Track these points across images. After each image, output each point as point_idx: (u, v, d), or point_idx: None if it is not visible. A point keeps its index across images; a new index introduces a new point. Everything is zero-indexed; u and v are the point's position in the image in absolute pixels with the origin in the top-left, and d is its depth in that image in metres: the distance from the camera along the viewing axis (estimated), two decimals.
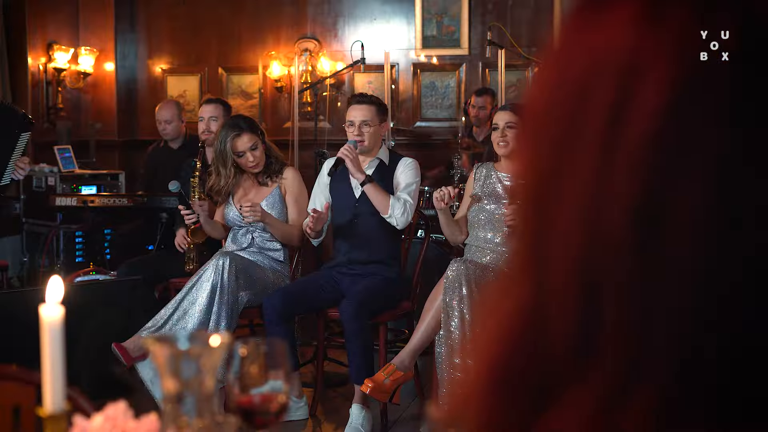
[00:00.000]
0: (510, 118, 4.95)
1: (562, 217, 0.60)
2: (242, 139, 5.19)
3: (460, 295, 4.51)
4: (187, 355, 1.21)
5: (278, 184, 5.35)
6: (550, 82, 0.65)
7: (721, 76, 0.57)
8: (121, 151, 9.21)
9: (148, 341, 1.21)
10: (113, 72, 9.20)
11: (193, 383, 1.22)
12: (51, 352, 1.36)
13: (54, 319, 1.36)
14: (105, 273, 6.26)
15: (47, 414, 1.35)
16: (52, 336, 1.36)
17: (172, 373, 1.22)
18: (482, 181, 5.08)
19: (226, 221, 5.39)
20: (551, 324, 0.60)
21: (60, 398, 1.36)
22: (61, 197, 7.25)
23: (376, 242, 5.12)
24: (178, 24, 9.29)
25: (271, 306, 4.83)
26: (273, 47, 9.01)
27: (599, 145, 0.58)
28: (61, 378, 1.37)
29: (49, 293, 1.38)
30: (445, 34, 8.75)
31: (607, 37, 0.60)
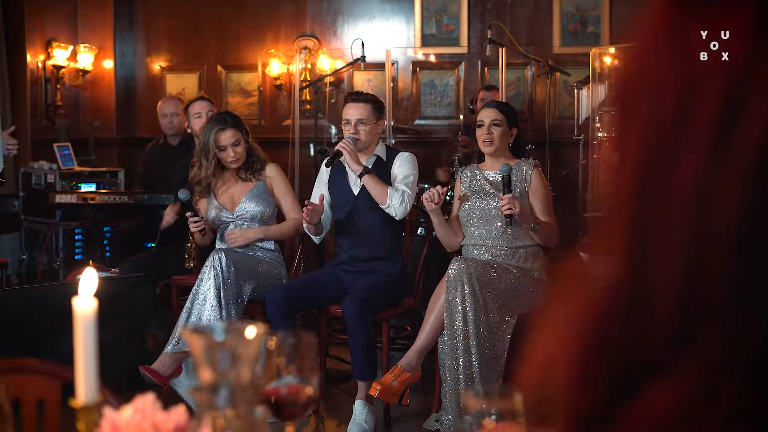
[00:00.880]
0: (496, 115, 4.99)
1: (668, 208, 0.61)
2: (226, 133, 5.26)
3: (463, 293, 4.52)
4: (223, 346, 1.22)
5: (261, 179, 5.38)
6: (653, 75, 0.66)
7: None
8: (119, 149, 9.22)
9: (186, 333, 1.22)
10: (112, 69, 9.20)
11: (229, 374, 1.23)
12: (84, 344, 1.37)
13: (87, 312, 1.37)
14: (106, 270, 6.26)
15: (81, 405, 1.37)
16: (85, 328, 1.37)
17: (208, 364, 1.23)
18: (468, 182, 5.11)
19: (210, 219, 5.41)
20: (650, 305, 0.61)
21: (93, 390, 1.37)
22: (61, 194, 7.25)
23: (377, 238, 5.14)
24: (177, 22, 9.30)
25: (273, 301, 4.85)
26: (272, 45, 9.01)
27: (707, 147, 0.60)
28: (94, 370, 1.38)
29: (83, 286, 1.39)
30: (444, 32, 8.76)
31: (718, 40, 0.61)
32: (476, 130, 5.07)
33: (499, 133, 4.97)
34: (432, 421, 4.79)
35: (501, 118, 4.99)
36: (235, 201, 5.36)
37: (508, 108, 5.15)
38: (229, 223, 5.36)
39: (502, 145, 5.00)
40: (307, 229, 5.20)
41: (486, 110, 5.06)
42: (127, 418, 1.47)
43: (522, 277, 4.77)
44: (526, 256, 4.88)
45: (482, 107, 5.19)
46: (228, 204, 5.36)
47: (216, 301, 4.84)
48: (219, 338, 1.23)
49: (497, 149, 4.99)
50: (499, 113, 4.99)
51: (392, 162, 5.16)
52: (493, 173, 5.03)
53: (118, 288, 5.46)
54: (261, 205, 5.32)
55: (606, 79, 7.11)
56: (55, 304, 5.15)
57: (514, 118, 5.08)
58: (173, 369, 4.92)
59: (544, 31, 8.60)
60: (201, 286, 4.89)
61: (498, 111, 5.02)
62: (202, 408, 1.25)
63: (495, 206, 4.88)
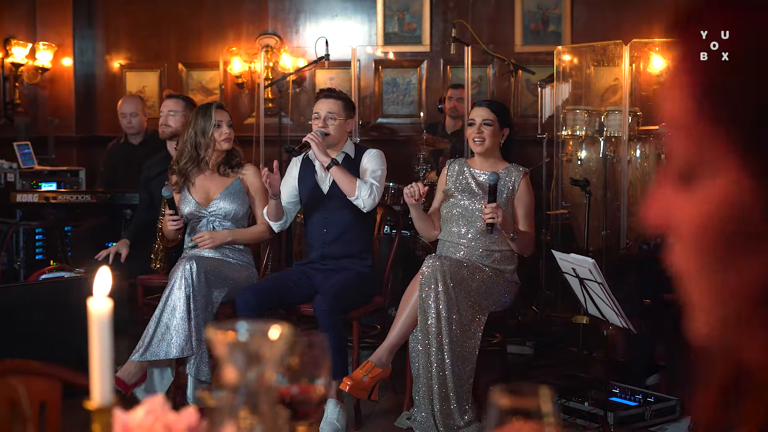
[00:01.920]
0: (487, 115, 4.93)
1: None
2: (223, 111, 5.33)
3: (436, 291, 4.54)
4: (247, 346, 1.22)
5: (238, 176, 5.37)
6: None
7: None
8: (79, 148, 9.12)
9: (210, 331, 1.22)
10: (71, 68, 9.10)
11: (253, 375, 1.23)
12: (99, 344, 1.36)
13: (102, 312, 1.36)
14: (70, 270, 6.19)
15: (96, 407, 1.36)
16: (100, 328, 1.36)
17: (231, 364, 1.23)
18: (454, 176, 5.08)
19: (183, 215, 5.38)
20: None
21: (108, 391, 1.36)
22: (22, 194, 7.15)
23: (348, 236, 5.14)
24: (137, 20, 9.23)
25: (244, 302, 4.82)
26: (234, 43, 8.98)
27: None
28: (109, 371, 1.37)
29: (97, 286, 1.38)
30: (406, 30, 8.79)
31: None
32: (467, 129, 5.05)
33: (489, 132, 4.93)
34: (403, 419, 4.80)
35: (492, 117, 4.94)
36: (210, 196, 5.33)
37: (501, 107, 5.08)
38: (201, 218, 5.32)
39: (493, 145, 4.97)
40: (265, 212, 5.19)
41: (477, 109, 5.01)
42: (139, 419, 1.46)
43: (494, 277, 4.79)
44: (501, 259, 4.90)
45: (474, 106, 5.14)
46: (202, 199, 5.32)
47: (185, 310, 4.80)
48: (243, 338, 1.23)
49: (488, 149, 4.96)
50: (490, 112, 4.94)
51: (360, 159, 5.16)
52: (481, 173, 5.00)
53: (84, 288, 5.40)
54: (235, 203, 5.30)
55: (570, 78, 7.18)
56: (17, 305, 5.10)
57: (507, 117, 5.03)
58: (138, 377, 4.89)
59: (506, 30, 8.66)
60: (171, 295, 4.84)
61: (489, 110, 4.96)
62: (225, 409, 1.25)
63: (479, 208, 4.86)
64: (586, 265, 4.06)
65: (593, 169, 7.01)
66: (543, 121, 7.56)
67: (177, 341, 4.78)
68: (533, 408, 1.21)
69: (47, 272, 6.18)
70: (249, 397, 1.24)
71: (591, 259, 4.05)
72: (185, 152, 5.32)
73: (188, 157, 5.31)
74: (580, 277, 4.18)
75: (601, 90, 7.85)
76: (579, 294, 4.31)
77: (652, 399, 4.86)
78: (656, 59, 7.89)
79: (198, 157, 5.31)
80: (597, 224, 6.76)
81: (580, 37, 8.39)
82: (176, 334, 4.79)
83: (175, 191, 5.38)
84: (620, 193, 6.77)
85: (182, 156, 5.34)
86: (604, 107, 7.19)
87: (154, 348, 4.80)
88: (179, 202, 5.37)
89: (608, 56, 7.04)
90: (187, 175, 5.34)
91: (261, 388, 1.24)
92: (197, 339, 4.80)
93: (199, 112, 5.33)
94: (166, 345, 4.79)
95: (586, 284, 4.17)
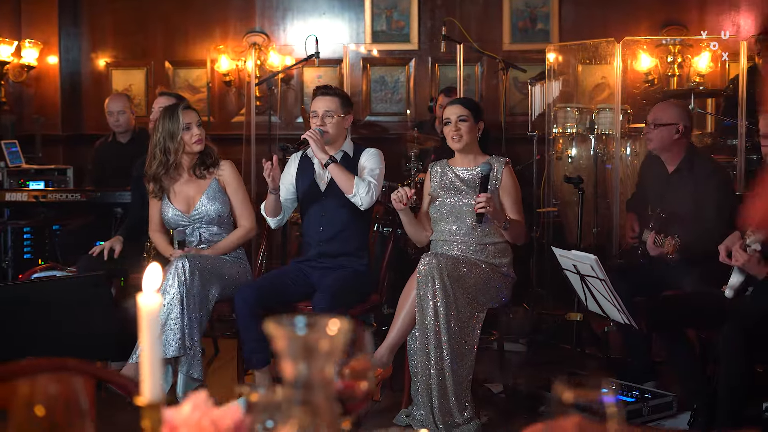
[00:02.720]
0: (461, 111, 5.00)
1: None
2: (191, 112, 5.22)
3: (434, 289, 4.54)
4: (306, 340, 1.22)
5: (215, 176, 5.30)
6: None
7: None
8: (65, 146, 9.07)
9: (270, 326, 1.21)
10: (57, 65, 9.04)
11: (313, 369, 1.22)
12: (149, 340, 1.35)
13: (152, 308, 1.36)
14: (61, 269, 6.16)
15: (146, 403, 1.35)
16: (150, 324, 1.35)
17: (291, 359, 1.23)
18: (438, 178, 5.12)
19: (165, 222, 5.33)
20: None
21: (158, 387, 1.35)
22: (11, 192, 7.11)
23: (345, 235, 5.13)
24: (123, 17, 9.19)
25: (243, 300, 4.81)
26: (221, 41, 8.95)
27: None
28: (159, 367, 1.36)
29: (146, 281, 1.37)
30: (394, 28, 8.79)
31: None
32: (444, 128, 5.09)
33: (466, 128, 4.99)
34: (402, 417, 4.80)
35: (466, 113, 5.01)
36: (191, 202, 5.26)
37: (473, 103, 5.15)
38: (186, 226, 5.28)
39: (471, 140, 5.02)
40: (263, 207, 5.17)
41: (451, 107, 5.06)
42: (185, 415, 1.46)
43: (491, 272, 4.80)
44: (495, 252, 4.91)
45: (447, 104, 5.18)
46: (183, 207, 5.26)
47: (180, 309, 4.76)
48: (302, 332, 1.23)
49: (466, 144, 5.01)
50: (464, 109, 5.01)
51: (359, 157, 5.16)
52: (463, 170, 5.05)
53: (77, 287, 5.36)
54: (218, 205, 5.23)
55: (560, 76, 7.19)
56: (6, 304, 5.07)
57: (480, 112, 5.09)
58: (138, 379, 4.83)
59: (494, 28, 8.67)
60: (165, 294, 4.79)
61: (462, 107, 5.02)
62: (284, 403, 1.24)
63: (466, 203, 4.91)
64: (588, 261, 4.08)
65: (583, 166, 7.04)
66: (533, 119, 7.58)
67: (173, 340, 4.75)
68: (595, 401, 1.22)
69: (39, 271, 6.14)
70: (307, 392, 1.23)
71: (593, 256, 4.07)
72: (155, 157, 5.22)
73: (158, 163, 5.23)
74: (581, 273, 4.19)
75: (588, 88, 7.88)
76: (579, 290, 4.32)
77: (649, 395, 4.88)
78: (644, 57, 7.93)
79: (168, 162, 5.21)
80: (588, 221, 6.78)
81: (569, 35, 8.42)
82: (172, 333, 4.76)
83: (154, 198, 5.33)
84: (612, 190, 6.80)
85: (153, 161, 5.24)
86: (593, 105, 7.22)
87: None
88: (159, 209, 5.32)
89: (600, 54, 7.06)
90: (161, 181, 5.27)
91: (319, 382, 1.24)
92: (190, 337, 4.77)
93: (166, 115, 5.20)
94: (162, 345, 4.75)
95: (587, 281, 4.18)
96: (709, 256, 4.62)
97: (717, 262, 4.40)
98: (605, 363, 5.77)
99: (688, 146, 5.23)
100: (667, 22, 8.57)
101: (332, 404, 1.24)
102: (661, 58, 8.06)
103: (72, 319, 5.10)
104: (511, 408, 4.95)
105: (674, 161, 5.21)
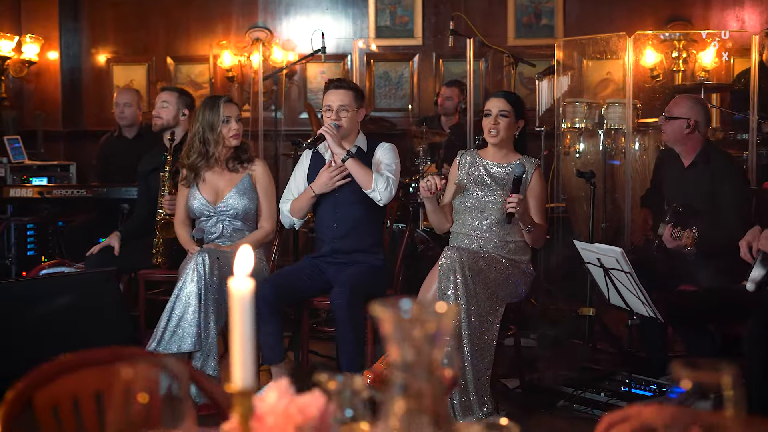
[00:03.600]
0: (504, 106, 4.88)
1: None
2: (233, 106, 5.22)
3: (455, 282, 4.50)
4: (414, 322, 1.18)
5: (248, 172, 5.28)
6: None
7: None
8: (66, 142, 9.01)
9: (376, 309, 1.18)
10: (57, 61, 8.98)
11: (422, 352, 1.19)
12: (242, 325, 1.31)
13: (244, 292, 1.32)
14: (69, 265, 6.10)
15: (238, 390, 1.31)
16: (243, 309, 1.32)
17: (398, 341, 1.19)
18: (467, 168, 5.04)
19: (191, 212, 5.29)
20: None
21: (251, 374, 1.32)
22: (15, 188, 7.04)
23: (358, 231, 5.08)
24: (124, 13, 9.14)
25: (262, 297, 4.75)
26: (223, 36, 8.91)
27: None
28: (252, 353, 1.33)
29: (238, 265, 1.34)
30: (398, 24, 8.76)
31: None
32: (483, 120, 4.99)
33: (506, 123, 4.89)
34: None
35: (508, 109, 4.89)
36: (220, 194, 5.23)
37: (517, 98, 5.03)
38: (211, 217, 5.24)
39: (508, 137, 4.93)
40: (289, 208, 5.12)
41: (493, 100, 4.95)
42: (271, 403, 1.42)
43: (511, 268, 4.77)
44: (516, 249, 4.86)
45: (490, 96, 5.09)
46: (211, 197, 5.23)
47: (198, 303, 4.73)
48: (407, 315, 1.19)
49: (502, 140, 4.92)
50: (507, 104, 4.89)
51: (373, 152, 5.11)
52: (494, 165, 4.97)
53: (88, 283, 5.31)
54: (247, 201, 5.20)
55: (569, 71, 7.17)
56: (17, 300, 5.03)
57: (522, 109, 4.99)
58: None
59: (499, 24, 8.65)
60: (183, 288, 4.76)
61: (506, 101, 4.91)
62: (393, 387, 1.21)
63: (491, 199, 4.84)
64: (613, 254, 4.05)
65: (591, 161, 7.01)
66: (540, 113, 7.56)
67: (190, 335, 4.71)
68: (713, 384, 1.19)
69: (47, 267, 6.09)
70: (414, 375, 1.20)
71: (619, 249, 4.04)
72: (194, 147, 5.21)
73: (197, 153, 5.21)
74: (605, 266, 4.16)
75: (593, 83, 7.87)
76: (601, 284, 4.29)
77: (668, 389, 4.86)
78: (649, 53, 7.92)
79: (207, 153, 5.20)
80: (597, 217, 6.76)
81: (573, 30, 8.40)
82: (189, 328, 4.72)
83: (184, 185, 5.30)
84: (623, 185, 6.78)
85: (191, 151, 5.23)
86: (600, 100, 7.20)
87: (167, 342, 4.72)
88: (186, 198, 5.28)
89: (611, 48, 7.03)
90: (197, 171, 5.25)
91: (425, 366, 1.20)
92: (206, 332, 4.73)
93: (207, 106, 5.19)
94: (178, 339, 4.72)
95: (611, 273, 4.16)
96: (727, 250, 4.61)
97: (734, 256, 4.38)
98: (619, 358, 5.74)
99: (703, 140, 5.21)
100: (672, 17, 8.56)
101: (438, 387, 1.21)
102: (666, 53, 8.05)
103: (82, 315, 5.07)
104: (529, 403, 4.92)
105: (690, 155, 5.19)
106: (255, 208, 5.27)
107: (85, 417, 1.63)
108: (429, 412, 1.20)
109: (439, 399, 1.21)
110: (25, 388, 1.56)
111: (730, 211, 4.96)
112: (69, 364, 1.66)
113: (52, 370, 1.62)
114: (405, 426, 1.20)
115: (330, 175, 4.96)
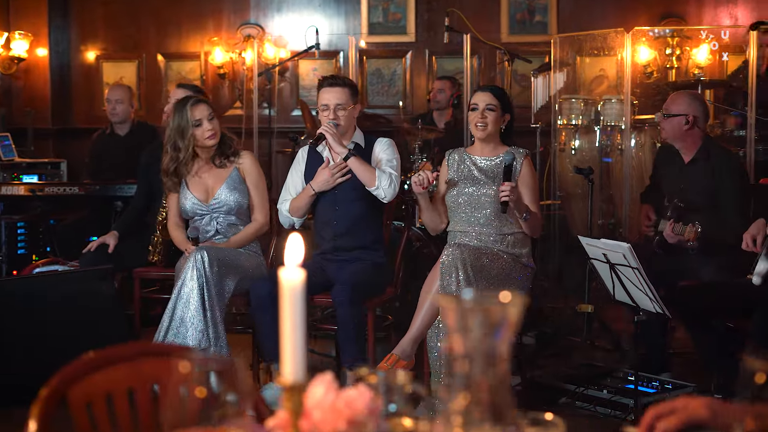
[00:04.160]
0: (490, 100, 4.85)
1: None
2: (200, 107, 5.09)
3: (457, 279, 4.46)
4: (478, 312, 1.15)
5: (236, 166, 5.21)
6: None
7: None
8: (55, 139, 8.93)
9: (440, 298, 1.14)
10: (46, 58, 8.90)
11: (483, 343, 1.15)
12: (292, 318, 1.27)
13: (295, 283, 1.28)
14: (63, 263, 6.04)
15: (288, 383, 1.27)
16: (293, 301, 1.28)
17: (460, 332, 1.15)
18: (456, 166, 4.99)
19: (183, 212, 5.23)
20: None
21: (301, 367, 1.28)
22: (7, 186, 6.96)
23: (358, 228, 5.03)
24: (113, 9, 9.07)
25: (259, 294, 4.71)
26: (215, 33, 8.85)
27: None
28: (303, 346, 1.29)
29: (288, 255, 1.29)
30: (391, 21, 8.72)
31: None
32: (469, 114, 4.97)
33: (493, 117, 4.86)
34: (422, 408, 4.72)
35: (495, 102, 4.86)
36: (210, 191, 5.17)
37: (502, 92, 5.01)
38: (204, 215, 5.18)
39: (495, 131, 4.90)
40: (288, 207, 5.07)
41: (480, 94, 4.92)
42: (319, 397, 1.38)
43: (512, 263, 4.73)
44: (514, 242, 4.83)
45: (476, 90, 5.07)
46: (202, 195, 5.17)
47: (199, 300, 4.67)
48: (469, 306, 1.16)
49: (489, 134, 4.89)
50: (493, 98, 4.86)
51: (372, 148, 5.06)
52: (482, 159, 4.94)
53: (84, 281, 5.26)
54: (237, 195, 5.14)
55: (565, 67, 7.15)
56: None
57: (509, 103, 4.97)
58: None
59: (492, 20, 8.62)
60: (183, 287, 4.70)
61: (492, 95, 4.88)
62: (456, 378, 1.17)
63: (484, 193, 4.80)
64: (620, 250, 4.02)
65: (586, 158, 6.99)
66: (536, 110, 7.54)
67: (193, 333, 4.66)
68: None
69: (41, 266, 6.03)
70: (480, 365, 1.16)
71: (626, 244, 4.01)
72: (167, 153, 5.14)
73: (169, 158, 5.14)
74: (611, 262, 4.14)
75: (587, 80, 7.85)
76: (607, 280, 4.26)
77: (670, 386, 4.84)
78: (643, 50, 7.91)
79: (178, 158, 5.11)
80: (595, 213, 6.74)
81: (566, 27, 8.39)
82: (191, 326, 4.66)
83: (170, 192, 5.24)
84: (621, 182, 6.77)
85: (165, 156, 5.16)
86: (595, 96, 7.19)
87: (170, 339, 4.67)
88: (176, 201, 5.23)
89: (608, 45, 7.02)
90: (174, 175, 5.18)
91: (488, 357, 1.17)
92: (215, 329, 4.68)
93: (176, 110, 5.13)
94: (181, 338, 4.66)
95: (617, 269, 4.13)
96: (729, 245, 4.60)
97: (736, 251, 4.37)
98: (617, 355, 5.73)
99: (703, 136, 5.20)
100: (666, 14, 8.56)
101: (503, 379, 1.17)
102: (660, 50, 8.04)
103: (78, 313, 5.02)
104: (531, 400, 4.89)
105: (690, 151, 5.18)
106: (247, 201, 5.20)
107: (118, 414, 1.59)
108: (489, 404, 1.17)
109: (501, 391, 1.17)
110: (59, 384, 1.52)
111: (731, 207, 4.95)
112: (99, 361, 1.62)
113: (84, 366, 1.57)
114: (466, 418, 1.16)
115: (331, 172, 4.92)
